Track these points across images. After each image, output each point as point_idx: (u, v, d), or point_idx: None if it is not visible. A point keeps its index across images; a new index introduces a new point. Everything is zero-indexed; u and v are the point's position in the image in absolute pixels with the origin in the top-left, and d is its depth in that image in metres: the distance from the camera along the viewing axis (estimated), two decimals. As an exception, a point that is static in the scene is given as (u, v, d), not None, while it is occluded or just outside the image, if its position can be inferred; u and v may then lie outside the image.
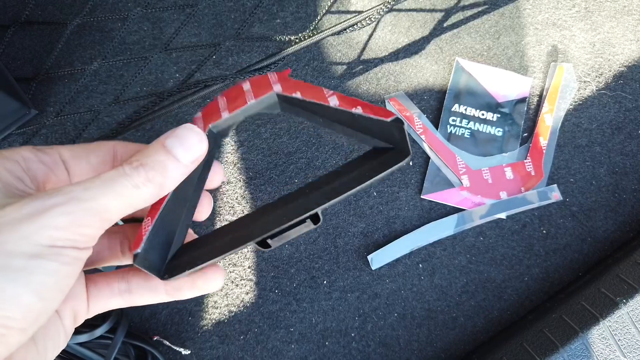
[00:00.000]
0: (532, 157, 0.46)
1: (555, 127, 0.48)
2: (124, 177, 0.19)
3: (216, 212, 0.48)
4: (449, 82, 0.49)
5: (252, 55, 0.51)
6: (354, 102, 0.28)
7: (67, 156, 0.22)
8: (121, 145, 0.23)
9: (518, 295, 0.47)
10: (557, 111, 0.48)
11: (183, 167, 0.20)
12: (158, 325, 0.46)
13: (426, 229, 0.46)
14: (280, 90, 0.30)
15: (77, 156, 0.22)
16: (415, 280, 0.47)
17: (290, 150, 0.49)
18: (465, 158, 0.47)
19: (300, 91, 0.28)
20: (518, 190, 0.47)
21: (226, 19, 0.52)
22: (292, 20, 0.52)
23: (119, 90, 0.50)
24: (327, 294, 0.47)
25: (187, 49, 0.48)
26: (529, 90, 0.49)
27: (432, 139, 0.47)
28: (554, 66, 0.50)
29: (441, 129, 0.48)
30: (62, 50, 0.48)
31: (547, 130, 0.47)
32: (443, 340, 0.46)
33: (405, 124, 0.45)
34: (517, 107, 0.48)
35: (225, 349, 0.46)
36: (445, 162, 0.46)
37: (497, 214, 0.46)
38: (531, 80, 0.50)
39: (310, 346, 0.46)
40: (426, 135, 0.47)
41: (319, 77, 0.51)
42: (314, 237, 0.48)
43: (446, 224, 0.46)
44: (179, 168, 0.19)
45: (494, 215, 0.46)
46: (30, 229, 0.17)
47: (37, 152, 0.21)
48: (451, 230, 0.46)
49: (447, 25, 0.52)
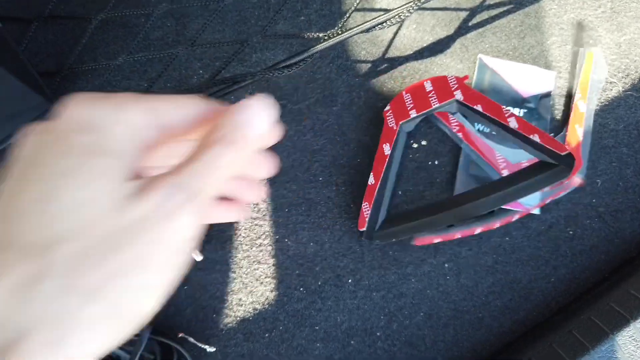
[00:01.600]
0: (569, 144, 0.46)
1: (589, 114, 0.48)
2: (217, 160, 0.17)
3: (240, 209, 0.48)
4: (473, 80, 0.49)
5: (276, 53, 0.51)
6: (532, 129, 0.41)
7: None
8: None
9: (544, 296, 0.47)
10: (590, 97, 0.48)
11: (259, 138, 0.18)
12: (182, 322, 0.46)
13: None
14: (461, 98, 0.44)
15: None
16: (441, 280, 0.47)
17: (315, 148, 0.49)
18: (504, 152, 0.46)
19: (482, 105, 0.41)
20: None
21: (250, 16, 0.51)
22: (316, 18, 0.52)
23: (143, 86, 0.50)
24: (352, 293, 0.47)
25: (214, 45, 0.48)
26: (554, 84, 0.49)
27: (469, 136, 0.47)
28: (583, 52, 0.50)
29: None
30: (85, 46, 0.48)
31: (581, 117, 0.47)
32: (469, 340, 0.46)
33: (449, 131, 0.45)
34: (542, 102, 0.48)
35: (249, 346, 0.46)
36: (484, 157, 0.46)
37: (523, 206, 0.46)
38: (555, 74, 0.49)
39: (335, 345, 0.46)
40: (463, 133, 0.47)
41: (343, 74, 0.50)
42: (339, 236, 0.47)
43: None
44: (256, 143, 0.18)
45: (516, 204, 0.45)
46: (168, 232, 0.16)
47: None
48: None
49: (472, 24, 0.52)
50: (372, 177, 0.44)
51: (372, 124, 0.49)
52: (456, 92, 0.42)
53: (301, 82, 0.50)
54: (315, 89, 0.50)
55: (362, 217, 0.42)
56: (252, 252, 0.47)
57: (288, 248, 0.47)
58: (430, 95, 0.44)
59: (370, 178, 0.44)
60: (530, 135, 0.40)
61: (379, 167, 0.44)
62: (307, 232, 0.48)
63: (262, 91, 0.50)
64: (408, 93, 0.45)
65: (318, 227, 0.48)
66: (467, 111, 0.44)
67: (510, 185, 0.42)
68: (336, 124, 0.49)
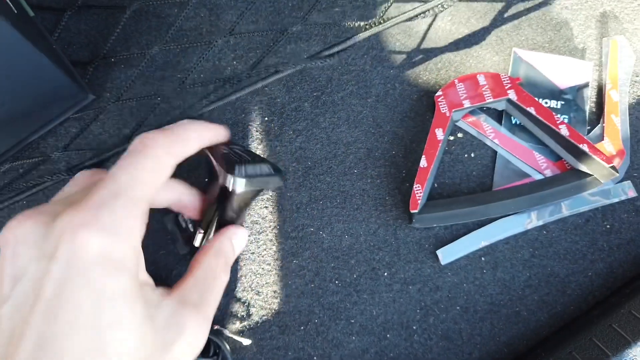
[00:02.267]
0: (609, 135, 0.45)
1: (623, 101, 0.47)
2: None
3: (274, 200, 0.47)
4: (508, 73, 0.48)
5: (310, 44, 0.50)
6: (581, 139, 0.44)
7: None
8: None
9: (582, 290, 0.46)
10: (621, 86, 0.48)
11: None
12: (217, 314, 0.46)
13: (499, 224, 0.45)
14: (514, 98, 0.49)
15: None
16: (477, 273, 0.46)
17: (349, 140, 0.49)
18: (543, 153, 0.46)
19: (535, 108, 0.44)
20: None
21: (284, 7, 0.51)
22: (350, 9, 0.51)
23: (176, 77, 0.49)
24: (388, 286, 0.46)
25: (253, 34, 0.48)
26: (591, 75, 0.49)
27: (505, 141, 0.46)
28: (607, 41, 0.49)
29: (505, 121, 0.47)
30: (118, 35, 0.48)
31: (615, 106, 0.47)
32: (506, 334, 0.46)
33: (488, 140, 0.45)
34: (579, 93, 0.48)
35: (285, 339, 0.45)
36: (524, 160, 0.46)
37: (571, 211, 0.46)
38: (591, 64, 0.49)
39: (371, 338, 0.46)
40: (499, 139, 0.47)
41: (378, 66, 0.50)
42: (374, 229, 0.47)
43: (520, 220, 0.45)
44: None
45: (569, 212, 0.46)
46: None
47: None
48: (522, 227, 0.45)
49: (508, 15, 0.51)
50: (424, 160, 0.44)
51: (408, 117, 0.49)
52: (509, 91, 0.44)
53: (335, 74, 0.50)
54: (350, 80, 0.50)
55: (414, 199, 0.43)
56: (287, 245, 0.47)
57: (323, 240, 0.47)
58: (484, 89, 0.44)
59: (423, 161, 0.44)
60: (580, 144, 0.42)
61: (432, 150, 0.44)
62: (342, 224, 0.47)
63: (296, 82, 0.49)
64: (461, 82, 0.45)
65: (353, 219, 0.47)
66: (517, 112, 0.44)
67: (551, 186, 0.43)
68: (371, 116, 0.49)
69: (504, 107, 0.45)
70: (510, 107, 0.44)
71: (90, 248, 0.22)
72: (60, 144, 0.48)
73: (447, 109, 0.45)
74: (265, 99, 0.49)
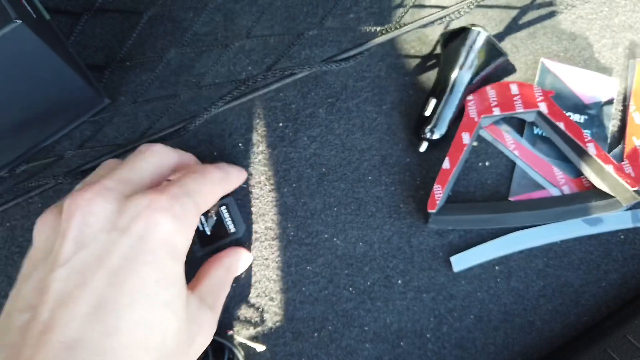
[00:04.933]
0: (629, 158, 0.45)
1: None
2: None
3: (288, 206, 0.47)
4: (534, 82, 0.48)
5: (325, 50, 0.50)
6: (607, 159, 0.43)
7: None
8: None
9: (595, 300, 0.46)
10: None
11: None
12: (230, 320, 0.45)
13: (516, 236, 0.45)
14: (545, 111, 0.50)
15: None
16: (491, 282, 0.46)
17: (364, 147, 0.49)
18: (562, 168, 0.46)
19: (564, 123, 0.44)
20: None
21: (299, 13, 0.51)
22: (365, 16, 0.51)
23: (191, 82, 0.49)
24: (402, 294, 0.46)
25: (269, 37, 0.48)
26: (616, 92, 0.49)
27: (525, 153, 0.46)
28: (633, 64, 0.49)
29: (527, 132, 0.47)
30: (134, 39, 0.48)
31: (638, 129, 0.46)
32: (520, 344, 0.46)
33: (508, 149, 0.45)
34: (604, 109, 0.48)
35: (299, 346, 0.45)
36: (543, 174, 0.46)
37: (590, 231, 0.46)
38: (617, 81, 0.49)
39: (385, 346, 0.46)
40: (519, 151, 0.47)
41: (393, 73, 0.50)
42: (388, 236, 0.47)
43: (540, 233, 0.45)
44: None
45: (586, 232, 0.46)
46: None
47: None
48: (544, 240, 0.45)
49: (523, 23, 0.51)
50: (447, 161, 0.44)
51: (422, 124, 0.49)
52: (541, 103, 0.44)
53: (350, 80, 0.50)
54: (364, 87, 0.50)
55: (433, 199, 0.43)
56: (301, 251, 0.47)
57: (337, 247, 0.47)
58: (515, 98, 0.44)
59: (446, 162, 0.44)
60: (606, 164, 0.42)
61: (457, 153, 0.44)
62: (356, 231, 0.47)
63: (310, 88, 0.49)
64: (493, 89, 0.45)
65: (367, 226, 0.47)
66: (545, 125, 0.44)
67: (572, 203, 0.44)
68: (385, 123, 0.49)
69: (532, 118, 0.45)
70: (540, 120, 0.45)
71: (163, 229, 0.25)
72: (74, 147, 0.48)
73: (476, 114, 0.45)
74: (280, 104, 0.49)
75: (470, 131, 0.45)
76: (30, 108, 0.41)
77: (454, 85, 0.45)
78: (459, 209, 0.45)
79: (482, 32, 0.44)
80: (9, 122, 0.41)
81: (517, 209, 0.44)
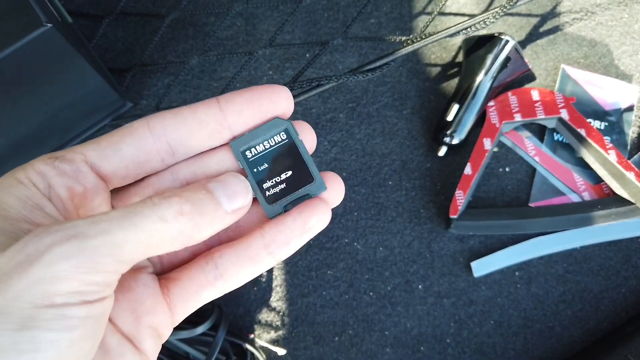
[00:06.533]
0: None
1: None
2: (149, 207, 0.15)
3: (309, 211, 0.48)
4: (554, 89, 0.49)
5: (345, 55, 0.51)
6: (629, 166, 0.43)
7: (93, 156, 0.18)
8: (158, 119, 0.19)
9: (615, 306, 0.47)
10: None
11: (223, 214, 0.17)
12: (252, 323, 0.46)
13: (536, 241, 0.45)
14: (566, 118, 0.43)
15: (105, 154, 0.18)
16: (511, 288, 0.46)
17: (385, 152, 0.49)
18: (582, 174, 0.47)
19: (586, 130, 0.44)
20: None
21: (320, 18, 0.51)
22: (386, 21, 0.51)
23: (213, 86, 0.49)
24: (422, 299, 0.46)
25: (293, 45, 0.48)
26: (637, 98, 0.49)
27: (545, 159, 0.47)
28: None
29: (547, 138, 0.47)
30: (155, 43, 0.48)
31: None
32: (539, 349, 0.46)
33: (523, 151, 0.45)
34: (624, 116, 0.48)
35: (319, 350, 0.46)
36: (563, 181, 0.46)
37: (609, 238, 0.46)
38: (638, 88, 0.49)
39: (405, 351, 0.46)
40: (540, 157, 0.47)
41: (414, 78, 0.50)
42: (409, 241, 0.47)
43: (560, 239, 0.45)
44: (218, 212, 0.17)
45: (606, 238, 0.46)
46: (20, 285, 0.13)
47: (55, 162, 0.17)
48: (564, 246, 0.46)
49: (543, 30, 0.51)
50: (469, 167, 0.45)
51: (443, 129, 0.49)
52: (562, 110, 0.44)
53: (371, 85, 0.50)
54: (385, 92, 0.50)
55: (455, 205, 0.44)
56: (322, 256, 0.47)
57: (357, 252, 0.47)
58: (536, 104, 0.44)
59: (467, 168, 0.44)
60: (627, 171, 0.42)
61: (478, 159, 0.44)
62: (376, 236, 0.47)
63: (331, 93, 0.50)
64: (514, 95, 0.45)
65: (387, 231, 0.47)
66: (566, 131, 0.45)
67: (592, 209, 0.44)
68: (406, 128, 0.49)
69: (554, 125, 0.46)
70: (560, 126, 0.45)
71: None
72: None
73: (498, 120, 0.45)
74: (301, 109, 0.49)
75: (491, 137, 0.45)
76: (55, 110, 0.41)
77: (476, 91, 0.45)
78: (480, 214, 0.45)
79: (511, 41, 0.45)
80: (34, 124, 0.41)
81: (538, 215, 0.45)
